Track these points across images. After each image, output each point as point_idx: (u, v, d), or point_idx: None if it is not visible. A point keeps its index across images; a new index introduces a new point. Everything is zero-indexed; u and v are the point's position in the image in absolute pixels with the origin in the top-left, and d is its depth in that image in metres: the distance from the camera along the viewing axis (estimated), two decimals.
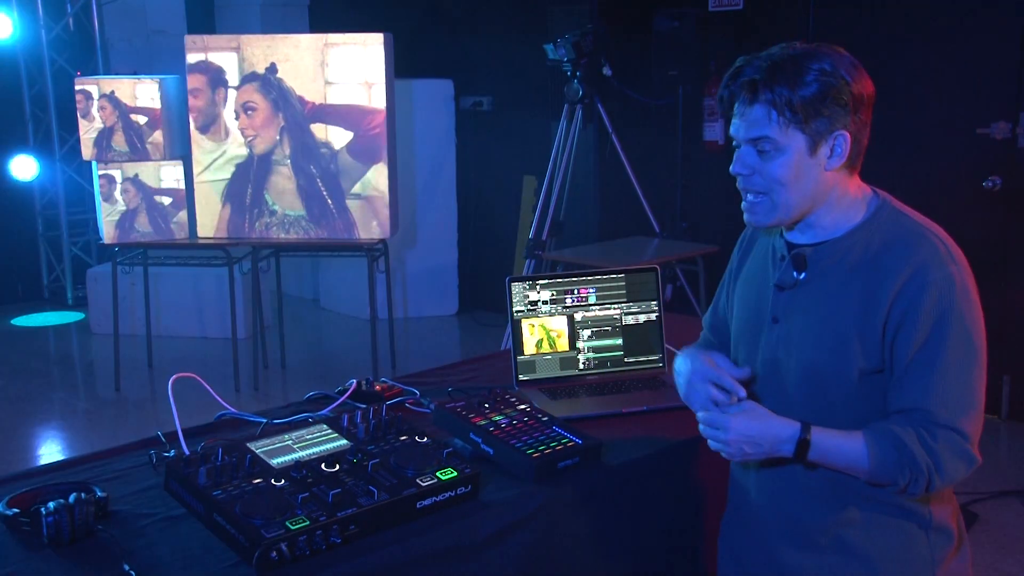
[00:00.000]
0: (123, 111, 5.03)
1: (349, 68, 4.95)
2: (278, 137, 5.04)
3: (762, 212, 1.67)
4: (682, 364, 1.83)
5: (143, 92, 5.02)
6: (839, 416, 1.66)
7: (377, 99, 4.96)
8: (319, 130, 5.02)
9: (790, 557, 1.75)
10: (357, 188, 5.03)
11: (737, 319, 1.85)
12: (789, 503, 1.74)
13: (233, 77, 5.00)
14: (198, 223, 5.16)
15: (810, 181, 1.63)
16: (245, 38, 5.06)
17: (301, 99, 4.99)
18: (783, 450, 1.63)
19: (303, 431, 1.85)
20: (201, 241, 5.20)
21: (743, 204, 1.70)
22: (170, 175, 5.15)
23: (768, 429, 1.63)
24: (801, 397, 1.69)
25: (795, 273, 1.70)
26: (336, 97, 4.97)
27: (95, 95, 5.02)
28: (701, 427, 1.69)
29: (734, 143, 1.68)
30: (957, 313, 1.59)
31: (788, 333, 1.71)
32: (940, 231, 1.66)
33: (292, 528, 1.50)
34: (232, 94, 5.02)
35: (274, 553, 1.47)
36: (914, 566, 1.71)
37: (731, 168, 1.67)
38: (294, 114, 5.01)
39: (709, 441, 1.68)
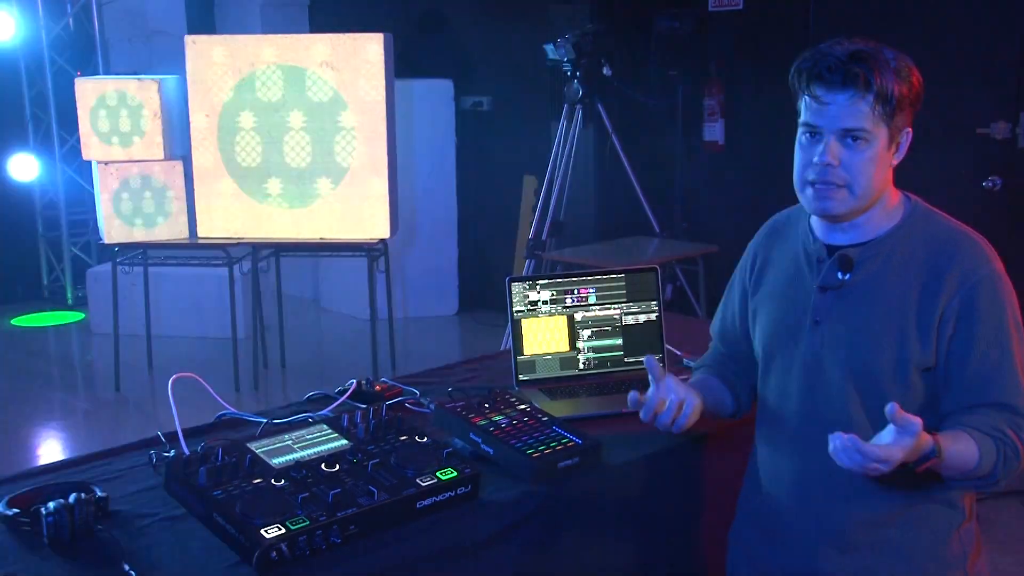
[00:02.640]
0: (123, 111, 5.02)
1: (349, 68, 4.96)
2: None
3: (840, 202, 1.65)
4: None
5: (143, 92, 5.02)
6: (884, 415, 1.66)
7: (376, 99, 4.96)
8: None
9: (829, 561, 1.74)
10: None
11: (768, 327, 1.82)
12: (830, 507, 1.73)
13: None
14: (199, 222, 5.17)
15: (882, 175, 1.66)
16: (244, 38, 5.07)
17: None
18: (909, 460, 1.52)
19: (303, 431, 1.84)
20: (201, 241, 5.20)
21: (813, 192, 1.66)
22: (170, 175, 5.15)
23: (915, 447, 1.51)
24: (848, 396, 1.67)
25: (840, 274, 1.70)
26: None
27: (95, 95, 5.02)
28: (860, 458, 1.48)
29: (809, 130, 1.64)
30: (1009, 305, 1.65)
31: (834, 334, 1.70)
32: (972, 230, 1.70)
33: (292, 528, 1.51)
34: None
35: (274, 553, 1.47)
36: (949, 560, 1.74)
37: (816, 158, 1.63)
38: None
39: (856, 466, 1.49)
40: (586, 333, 2.43)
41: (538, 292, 2.41)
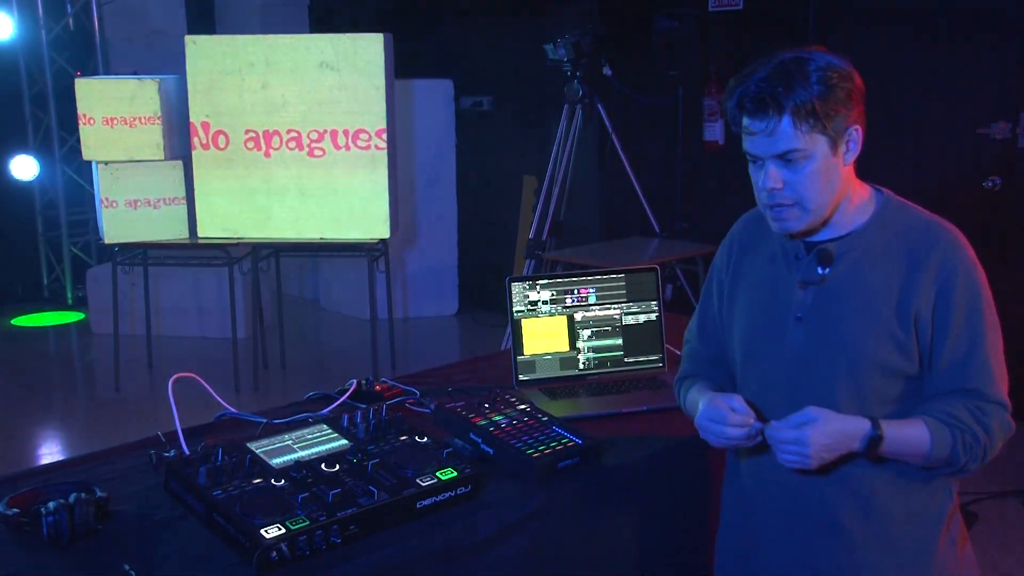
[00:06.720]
0: (123, 111, 5.02)
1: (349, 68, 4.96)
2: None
3: (794, 220, 1.66)
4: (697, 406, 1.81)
5: (143, 92, 5.01)
6: (879, 405, 1.67)
7: (376, 99, 4.96)
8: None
9: (826, 557, 1.75)
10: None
11: (748, 324, 1.82)
12: (824, 502, 1.73)
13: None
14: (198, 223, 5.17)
15: (836, 180, 1.65)
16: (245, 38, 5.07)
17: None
18: (854, 447, 1.61)
19: (303, 431, 1.85)
20: (201, 241, 5.20)
21: (770, 214, 1.67)
22: (170, 175, 5.15)
23: (843, 432, 1.60)
24: (841, 389, 1.67)
25: (820, 269, 1.71)
26: (335, 96, 4.98)
27: (95, 95, 5.02)
28: (782, 449, 1.60)
29: (752, 159, 1.65)
30: (983, 292, 1.68)
31: (820, 329, 1.70)
32: (945, 220, 1.71)
33: (292, 528, 1.51)
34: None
35: (274, 553, 1.47)
36: (943, 549, 1.75)
37: (762, 184, 1.64)
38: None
39: (785, 457, 1.60)
40: (586, 333, 2.43)
41: (538, 292, 2.41)
